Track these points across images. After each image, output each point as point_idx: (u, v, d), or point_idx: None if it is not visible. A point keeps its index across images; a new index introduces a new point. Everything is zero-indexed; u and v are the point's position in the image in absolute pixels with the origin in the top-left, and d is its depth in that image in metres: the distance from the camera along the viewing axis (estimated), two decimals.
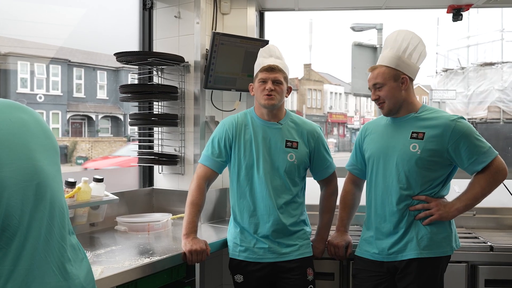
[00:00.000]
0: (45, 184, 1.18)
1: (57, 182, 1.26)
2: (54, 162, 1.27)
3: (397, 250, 2.07)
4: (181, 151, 2.94)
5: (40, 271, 1.13)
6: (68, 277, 1.20)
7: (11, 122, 1.18)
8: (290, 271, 2.19)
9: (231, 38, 2.88)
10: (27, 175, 1.14)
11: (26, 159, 1.16)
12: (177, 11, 2.94)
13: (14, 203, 1.09)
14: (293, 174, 2.22)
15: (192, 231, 2.13)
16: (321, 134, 2.32)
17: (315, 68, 36.91)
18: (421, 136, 2.04)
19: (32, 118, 1.25)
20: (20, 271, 1.09)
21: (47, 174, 1.20)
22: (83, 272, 1.27)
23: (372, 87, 2.13)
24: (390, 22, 7.39)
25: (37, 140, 1.22)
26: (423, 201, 2.05)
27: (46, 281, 1.14)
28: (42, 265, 1.14)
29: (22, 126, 1.20)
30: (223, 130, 2.28)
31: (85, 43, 3.52)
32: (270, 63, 2.21)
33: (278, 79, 2.20)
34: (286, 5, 3.41)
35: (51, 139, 1.28)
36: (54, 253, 1.18)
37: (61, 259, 1.20)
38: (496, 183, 2.06)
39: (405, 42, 2.08)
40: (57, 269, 1.18)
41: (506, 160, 2.10)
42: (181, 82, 2.91)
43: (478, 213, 2.90)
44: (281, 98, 2.21)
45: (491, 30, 17.19)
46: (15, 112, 1.21)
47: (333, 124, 36.03)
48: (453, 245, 2.08)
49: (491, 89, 15.07)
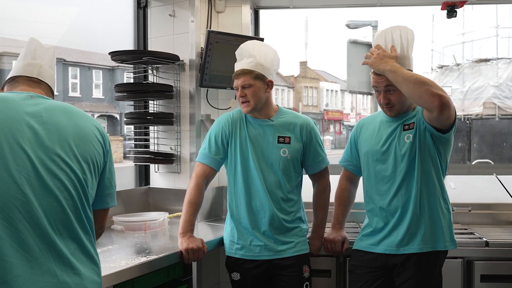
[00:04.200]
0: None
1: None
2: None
3: (398, 244, 2.08)
4: (177, 149, 2.94)
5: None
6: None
7: (47, 125, 1.33)
8: (286, 268, 2.19)
9: (226, 36, 2.88)
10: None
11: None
12: (172, 9, 2.94)
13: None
14: (288, 169, 2.22)
15: (188, 229, 2.13)
16: (314, 128, 2.30)
17: (311, 66, 36.98)
18: (412, 126, 2.08)
19: (71, 123, 1.39)
20: None
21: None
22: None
23: (383, 89, 2.05)
24: (385, 20, 7.38)
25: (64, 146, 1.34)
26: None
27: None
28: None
29: (56, 129, 1.34)
30: (219, 127, 2.28)
31: (80, 42, 3.51)
32: (238, 68, 2.19)
33: (246, 84, 2.16)
34: (281, 2, 3.41)
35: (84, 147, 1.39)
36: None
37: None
38: (432, 84, 1.88)
39: (404, 39, 2.05)
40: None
41: (501, 156, 2.10)
42: (176, 81, 2.91)
43: (473, 209, 2.92)
44: (256, 99, 2.17)
45: (486, 26, 17.25)
46: (55, 117, 1.36)
47: (329, 121, 36.09)
48: (454, 239, 2.10)
49: (486, 85, 15.11)
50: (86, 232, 1.35)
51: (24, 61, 1.53)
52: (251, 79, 2.16)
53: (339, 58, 50.19)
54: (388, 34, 2.07)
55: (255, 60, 2.17)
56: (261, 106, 2.21)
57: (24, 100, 1.36)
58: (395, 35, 2.06)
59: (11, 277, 1.13)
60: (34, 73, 1.52)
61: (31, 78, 1.51)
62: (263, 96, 2.20)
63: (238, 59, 2.23)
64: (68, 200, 1.30)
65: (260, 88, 2.18)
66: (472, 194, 3.02)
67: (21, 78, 1.50)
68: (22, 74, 1.51)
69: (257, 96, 2.17)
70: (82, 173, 1.35)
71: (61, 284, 1.23)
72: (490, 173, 3.18)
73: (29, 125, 1.30)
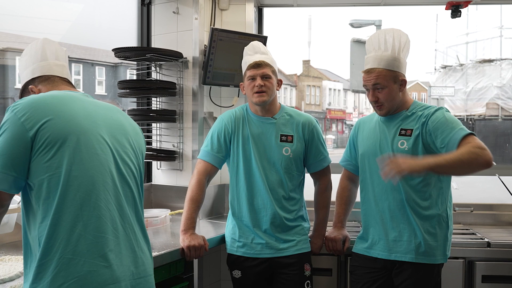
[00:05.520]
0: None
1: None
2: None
3: (393, 249, 2.08)
4: (179, 147, 2.94)
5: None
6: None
7: (112, 120, 1.47)
8: (288, 266, 2.19)
9: (229, 34, 2.88)
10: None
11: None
12: (176, 6, 2.93)
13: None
14: (290, 168, 2.22)
15: (190, 227, 2.13)
16: (316, 126, 2.31)
17: (314, 65, 37.00)
18: (409, 133, 2.05)
19: (127, 120, 1.53)
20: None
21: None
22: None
23: (371, 87, 2.07)
24: (388, 19, 7.38)
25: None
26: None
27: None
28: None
29: (120, 125, 1.48)
30: (222, 124, 2.28)
31: (83, 38, 3.52)
32: (256, 60, 2.20)
33: (267, 74, 2.19)
34: (285, 1, 3.40)
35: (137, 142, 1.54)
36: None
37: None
38: (474, 154, 1.83)
39: (396, 41, 2.05)
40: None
41: (504, 157, 2.10)
42: (179, 78, 2.91)
43: (475, 210, 2.91)
44: (272, 92, 2.20)
45: (490, 27, 17.20)
46: (114, 114, 1.50)
47: (331, 120, 36.07)
48: (447, 254, 2.08)
49: (489, 86, 15.09)
50: (143, 216, 1.51)
51: (50, 61, 1.57)
52: (270, 72, 2.20)
53: (342, 57, 50.13)
54: (382, 35, 2.08)
55: (269, 58, 2.23)
56: (271, 102, 2.23)
57: (86, 98, 1.47)
58: (388, 37, 2.06)
59: (107, 250, 1.31)
60: (64, 74, 1.59)
61: (63, 79, 1.58)
62: (275, 92, 2.24)
63: (250, 53, 2.25)
64: (135, 187, 1.47)
65: (275, 83, 2.23)
66: (474, 194, 3.01)
67: (55, 78, 1.56)
68: (55, 74, 1.56)
69: (273, 89, 2.22)
70: (140, 163, 1.53)
71: (138, 259, 1.41)
72: (492, 174, 3.18)
73: (102, 119, 1.43)
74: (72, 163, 1.30)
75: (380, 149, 2.11)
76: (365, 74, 2.10)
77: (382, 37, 2.07)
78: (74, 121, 1.35)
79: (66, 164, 1.29)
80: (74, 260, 1.26)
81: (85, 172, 1.32)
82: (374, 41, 2.09)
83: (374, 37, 2.11)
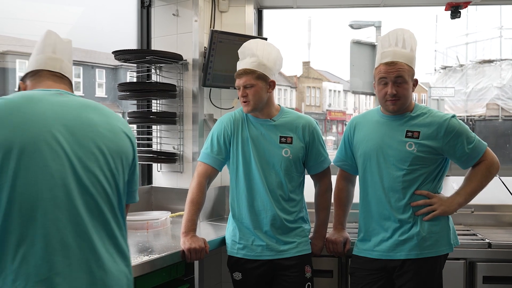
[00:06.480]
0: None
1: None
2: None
3: (395, 249, 2.07)
4: (179, 149, 2.94)
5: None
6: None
7: (81, 122, 1.34)
8: (288, 268, 2.19)
9: (229, 36, 2.88)
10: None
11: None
12: (175, 9, 2.94)
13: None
14: (290, 169, 2.22)
15: (191, 229, 2.13)
16: (316, 128, 2.29)
17: (314, 66, 36.93)
18: (416, 135, 2.06)
19: (103, 119, 1.40)
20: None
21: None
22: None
23: (392, 80, 2.02)
24: (388, 20, 7.37)
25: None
26: (425, 196, 2.06)
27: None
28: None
29: (89, 126, 1.35)
30: (221, 127, 2.28)
31: (84, 41, 3.52)
32: (240, 67, 2.19)
33: (248, 83, 2.15)
34: (284, 2, 3.41)
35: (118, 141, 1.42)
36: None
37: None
38: (491, 176, 2.12)
39: (412, 40, 2.08)
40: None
41: (504, 157, 2.15)
42: (179, 80, 2.91)
43: (476, 210, 2.91)
44: (257, 99, 2.16)
45: (489, 27, 17.23)
46: (87, 113, 1.37)
47: (332, 121, 36.06)
48: (451, 243, 2.09)
49: (489, 86, 15.09)
50: (120, 227, 1.39)
51: (44, 54, 1.50)
52: (253, 79, 2.15)
53: (342, 58, 50.15)
54: (400, 33, 2.09)
55: (257, 60, 2.16)
56: (262, 106, 2.21)
57: (55, 97, 1.37)
58: (406, 36, 2.08)
59: (52, 274, 1.20)
60: (57, 68, 1.50)
61: (54, 73, 1.49)
62: (265, 96, 2.19)
63: (240, 58, 2.23)
64: (103, 197, 1.33)
65: (262, 88, 2.17)
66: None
67: (44, 72, 1.48)
68: (45, 68, 1.48)
69: (258, 96, 2.16)
70: (115, 168, 1.38)
71: (97, 281, 1.28)
72: None
73: (63, 122, 1.31)
74: (16, 178, 1.20)
75: (384, 150, 2.10)
76: (386, 66, 2.04)
77: (400, 35, 2.08)
78: (22, 128, 1.23)
79: (10, 180, 1.20)
80: (16, 282, 1.18)
81: (30, 187, 1.21)
82: (392, 37, 2.09)
83: (392, 34, 2.11)
